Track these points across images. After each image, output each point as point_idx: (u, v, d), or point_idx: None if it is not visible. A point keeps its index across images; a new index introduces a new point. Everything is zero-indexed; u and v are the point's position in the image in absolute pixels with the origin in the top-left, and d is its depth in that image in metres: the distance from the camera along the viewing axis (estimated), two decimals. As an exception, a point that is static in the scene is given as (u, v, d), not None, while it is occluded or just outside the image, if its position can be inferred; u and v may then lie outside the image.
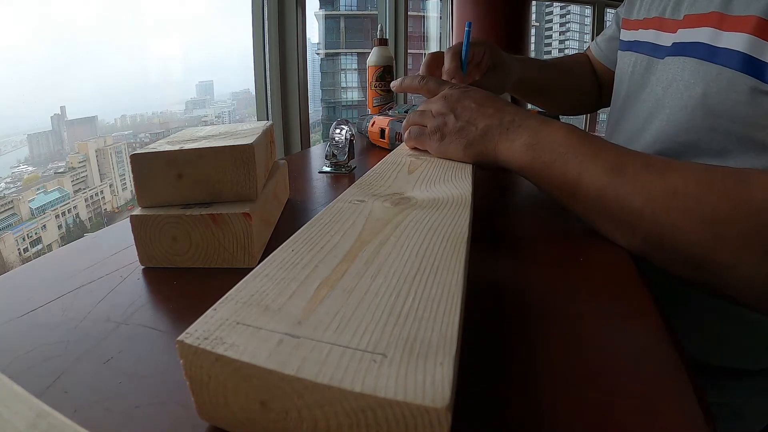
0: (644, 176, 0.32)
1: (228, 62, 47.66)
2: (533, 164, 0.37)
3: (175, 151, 0.31)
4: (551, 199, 0.38)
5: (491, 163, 0.40)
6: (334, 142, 0.58)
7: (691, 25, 0.46)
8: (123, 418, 0.18)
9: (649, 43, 0.54)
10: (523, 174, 0.38)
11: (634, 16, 0.60)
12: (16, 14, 34.04)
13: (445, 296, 0.18)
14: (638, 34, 0.57)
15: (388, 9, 1.98)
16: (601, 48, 0.74)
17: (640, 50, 0.56)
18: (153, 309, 0.27)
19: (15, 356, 0.22)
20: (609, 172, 0.33)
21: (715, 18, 0.43)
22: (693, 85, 0.44)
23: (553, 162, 0.35)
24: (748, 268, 0.28)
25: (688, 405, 0.19)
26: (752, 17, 0.39)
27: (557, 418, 0.18)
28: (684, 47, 0.46)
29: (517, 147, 0.37)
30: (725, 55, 0.41)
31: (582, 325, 0.25)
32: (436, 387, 0.14)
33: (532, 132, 0.37)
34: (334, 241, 0.24)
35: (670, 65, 0.48)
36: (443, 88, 0.47)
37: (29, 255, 7.05)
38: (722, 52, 0.41)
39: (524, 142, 0.37)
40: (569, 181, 0.35)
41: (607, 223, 0.34)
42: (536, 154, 0.36)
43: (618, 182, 0.32)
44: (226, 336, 0.16)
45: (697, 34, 0.45)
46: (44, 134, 12.76)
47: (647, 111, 0.51)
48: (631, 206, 0.32)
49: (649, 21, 0.55)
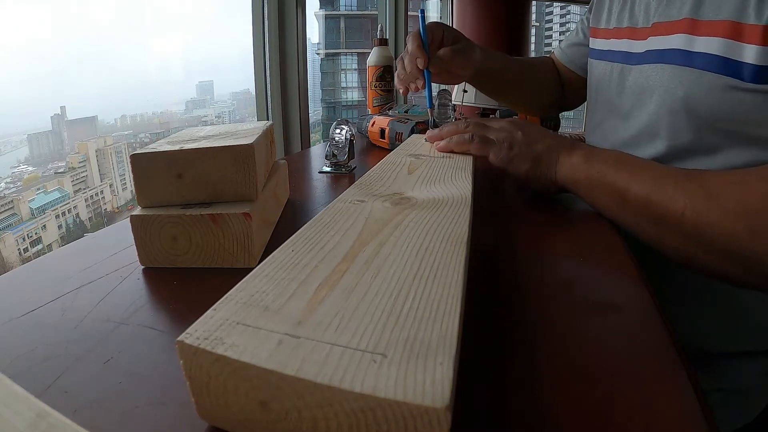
0: (684, 182, 0.35)
1: (228, 62, 47.69)
2: (588, 176, 0.41)
3: (175, 151, 0.31)
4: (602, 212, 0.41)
5: (548, 180, 0.44)
6: (334, 142, 0.58)
7: (663, 33, 0.49)
8: (123, 418, 0.18)
9: (622, 51, 0.57)
10: (578, 189, 0.42)
11: (603, 25, 0.62)
12: (15, 14, 34.04)
13: (445, 296, 0.18)
14: (611, 44, 0.60)
15: (388, 9, 1.97)
16: (566, 53, 0.77)
17: (614, 59, 0.58)
18: (153, 309, 0.27)
19: (15, 356, 0.22)
20: (654, 180, 0.37)
21: (687, 24, 0.46)
22: (674, 89, 0.47)
23: (605, 173, 0.39)
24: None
25: (688, 405, 0.19)
26: (724, 21, 0.42)
27: (557, 418, 0.18)
28: (662, 54, 0.49)
29: (575, 161, 0.42)
30: (702, 59, 0.44)
31: (582, 324, 0.25)
32: (436, 387, 0.14)
33: (587, 150, 0.43)
34: (334, 242, 0.24)
35: (647, 72, 0.51)
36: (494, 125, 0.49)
37: (29, 255, 7.05)
38: (698, 56, 0.45)
39: (581, 157, 0.42)
40: (620, 189, 0.38)
41: (653, 226, 0.37)
42: (591, 166, 0.41)
43: (662, 187, 0.36)
44: (226, 336, 0.16)
45: (671, 40, 0.48)
46: (44, 134, 12.76)
47: (632, 119, 0.54)
48: (674, 207, 0.34)
49: (620, 30, 0.58)
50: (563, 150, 0.43)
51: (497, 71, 0.71)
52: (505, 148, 0.45)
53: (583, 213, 0.46)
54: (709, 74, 0.43)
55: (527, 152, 0.44)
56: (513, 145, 0.45)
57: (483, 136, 0.47)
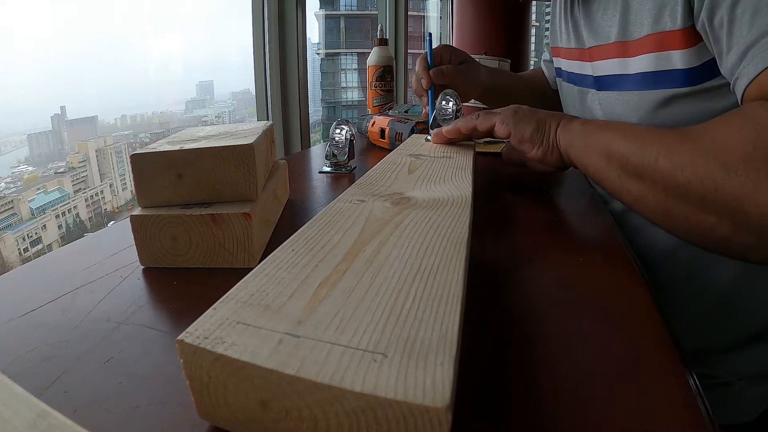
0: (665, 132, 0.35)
1: (228, 62, 47.64)
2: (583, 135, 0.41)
3: (175, 151, 0.31)
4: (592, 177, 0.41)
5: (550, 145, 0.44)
6: (334, 142, 0.58)
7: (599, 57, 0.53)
8: (123, 418, 0.18)
9: (575, 73, 0.61)
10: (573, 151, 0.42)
11: (558, 43, 0.66)
12: (15, 14, 34.05)
13: (445, 296, 0.18)
14: (569, 65, 0.63)
15: (388, 9, 1.97)
16: (546, 68, 0.81)
17: (574, 82, 0.62)
18: (153, 309, 0.27)
19: (15, 356, 0.22)
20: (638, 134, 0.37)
21: (618, 48, 0.49)
22: (626, 116, 0.50)
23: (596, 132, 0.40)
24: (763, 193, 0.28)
25: (689, 405, 0.19)
26: (648, 36, 0.44)
27: (557, 417, 0.18)
28: (601, 82, 0.53)
29: (574, 126, 0.43)
30: (637, 80, 0.47)
31: (582, 324, 0.25)
32: (437, 387, 0.14)
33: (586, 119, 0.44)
34: (335, 241, 0.24)
35: (601, 99, 0.55)
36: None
37: (29, 255, 7.04)
38: (633, 78, 0.48)
39: (580, 123, 0.43)
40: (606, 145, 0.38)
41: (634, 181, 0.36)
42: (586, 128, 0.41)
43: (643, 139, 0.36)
44: (226, 335, 0.16)
45: (607, 66, 0.51)
46: (44, 134, 12.74)
47: None
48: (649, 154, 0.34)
49: (570, 51, 0.61)
50: (564, 117, 0.44)
51: (503, 88, 0.77)
52: (509, 115, 0.46)
53: (584, 213, 0.46)
54: (648, 92, 0.46)
55: (531, 117, 0.45)
56: (517, 111, 0.46)
57: (487, 112, 0.48)
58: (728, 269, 0.47)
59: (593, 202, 0.47)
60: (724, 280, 0.48)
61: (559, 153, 0.43)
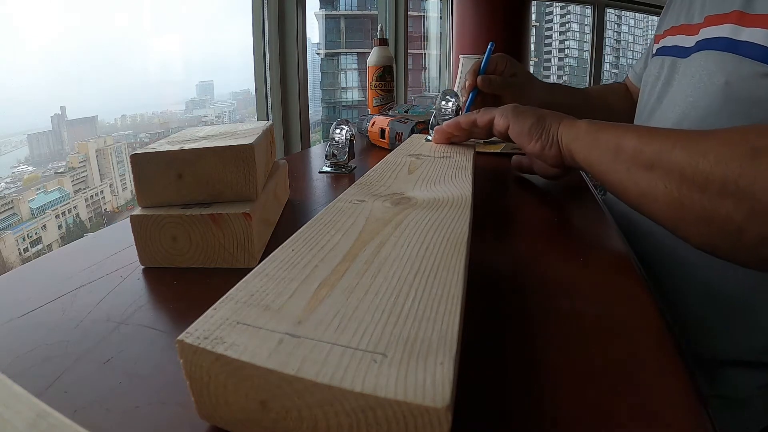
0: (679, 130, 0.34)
1: (228, 62, 47.60)
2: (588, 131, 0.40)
3: (175, 151, 0.31)
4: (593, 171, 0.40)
5: (551, 140, 0.43)
6: (334, 142, 0.58)
7: (713, 24, 0.51)
8: (123, 418, 0.18)
9: (676, 46, 0.59)
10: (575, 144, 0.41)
11: (663, 28, 0.65)
12: (15, 14, 34.11)
13: (445, 296, 0.18)
14: (666, 40, 0.62)
15: (388, 9, 1.97)
16: (636, 71, 0.78)
17: (667, 53, 0.60)
18: (153, 309, 0.27)
19: (15, 356, 0.22)
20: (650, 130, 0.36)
21: (736, 16, 0.47)
22: (715, 74, 0.48)
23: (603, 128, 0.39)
24: None
25: (689, 405, 0.19)
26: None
27: (558, 417, 0.18)
28: (707, 43, 0.51)
29: (578, 122, 0.42)
30: (746, 47, 0.45)
31: (582, 324, 0.25)
32: (437, 387, 0.14)
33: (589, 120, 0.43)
34: (335, 241, 0.24)
35: (693, 61, 0.53)
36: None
37: (29, 255, 7.04)
38: (743, 44, 0.46)
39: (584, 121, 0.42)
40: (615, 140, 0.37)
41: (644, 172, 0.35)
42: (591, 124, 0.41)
43: (656, 133, 0.35)
44: (226, 335, 0.16)
45: (718, 30, 0.49)
46: (44, 134, 12.73)
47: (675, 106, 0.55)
48: (666, 144, 0.33)
49: (675, 28, 0.60)
50: (568, 117, 0.44)
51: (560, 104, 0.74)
52: (509, 109, 0.46)
53: (584, 213, 0.46)
54: (750, 61, 0.45)
55: (532, 112, 0.45)
56: (518, 107, 0.46)
57: (488, 107, 0.48)
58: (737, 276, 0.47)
59: (595, 203, 0.47)
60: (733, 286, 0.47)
61: (559, 149, 0.42)
